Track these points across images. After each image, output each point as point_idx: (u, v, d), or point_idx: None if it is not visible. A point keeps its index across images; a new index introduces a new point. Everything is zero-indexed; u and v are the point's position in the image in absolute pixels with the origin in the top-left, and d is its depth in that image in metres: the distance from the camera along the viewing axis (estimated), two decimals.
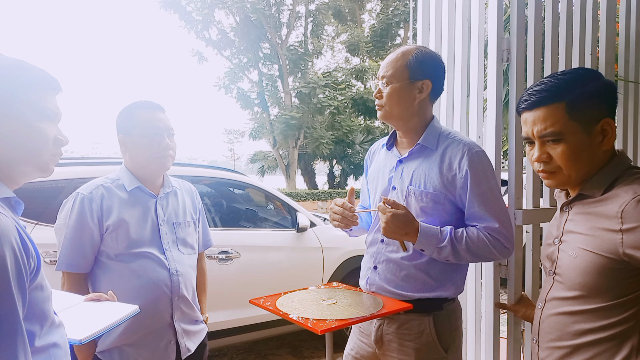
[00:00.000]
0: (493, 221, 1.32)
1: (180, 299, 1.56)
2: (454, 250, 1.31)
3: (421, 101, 1.40)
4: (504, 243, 1.32)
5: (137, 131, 1.52)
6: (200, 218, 1.77)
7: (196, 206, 1.75)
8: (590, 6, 1.89)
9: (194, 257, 1.68)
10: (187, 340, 1.58)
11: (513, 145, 1.61)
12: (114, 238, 1.48)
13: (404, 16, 20.02)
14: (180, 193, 1.69)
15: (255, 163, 23.60)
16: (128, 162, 1.58)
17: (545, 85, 1.02)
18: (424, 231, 1.30)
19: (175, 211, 1.63)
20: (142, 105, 1.57)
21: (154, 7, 26.53)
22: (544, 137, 1.03)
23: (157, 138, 1.53)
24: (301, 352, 3.65)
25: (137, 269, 1.49)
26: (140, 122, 1.53)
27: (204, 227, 1.81)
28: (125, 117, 1.56)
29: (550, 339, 1.07)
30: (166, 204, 1.61)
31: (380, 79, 1.42)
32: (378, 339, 1.43)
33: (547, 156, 1.04)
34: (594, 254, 0.97)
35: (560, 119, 1.00)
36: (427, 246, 1.31)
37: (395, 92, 1.38)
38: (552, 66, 1.77)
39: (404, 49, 1.41)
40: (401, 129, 1.46)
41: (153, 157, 1.53)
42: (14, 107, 0.84)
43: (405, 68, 1.37)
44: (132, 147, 1.54)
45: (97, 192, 1.51)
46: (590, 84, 1.01)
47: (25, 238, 0.79)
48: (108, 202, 1.50)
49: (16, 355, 0.73)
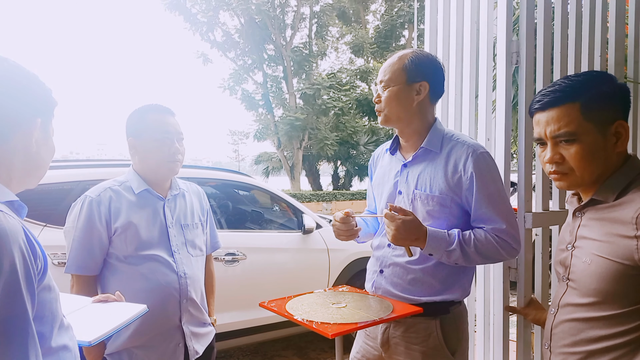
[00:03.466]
0: (500, 222, 1.32)
1: (189, 301, 1.56)
2: (463, 253, 1.30)
3: (420, 103, 1.39)
4: (512, 244, 1.33)
5: (148, 134, 1.53)
6: (207, 220, 1.77)
7: (204, 208, 1.75)
8: (600, 8, 1.87)
9: (202, 259, 1.68)
10: (195, 342, 1.58)
11: (522, 148, 1.60)
12: (122, 240, 1.49)
13: (408, 17, 20.01)
14: (188, 195, 1.69)
15: (259, 164, 23.62)
16: (137, 164, 1.59)
17: (559, 87, 1.02)
18: (432, 235, 1.29)
19: (184, 213, 1.63)
20: (154, 109, 1.57)
21: (159, 9, 26.66)
22: (558, 137, 1.02)
23: (167, 142, 1.53)
24: (307, 353, 3.64)
25: (146, 272, 1.49)
26: (151, 126, 1.53)
27: (212, 229, 1.81)
28: (136, 120, 1.56)
29: (563, 345, 1.06)
30: (174, 206, 1.61)
31: (378, 83, 1.43)
32: (384, 342, 1.43)
33: (560, 157, 1.03)
34: (608, 260, 0.96)
35: (575, 119, 0.99)
36: (435, 250, 1.31)
37: (394, 95, 1.39)
38: (562, 68, 1.76)
39: (401, 53, 1.42)
40: (403, 132, 1.46)
41: (163, 161, 1.54)
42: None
43: (402, 71, 1.38)
44: (142, 151, 1.55)
45: (105, 195, 1.51)
46: (604, 85, 1.00)
47: (32, 239, 0.80)
48: (116, 204, 1.51)
49: (27, 356, 0.73)
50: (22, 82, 0.85)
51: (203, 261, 1.69)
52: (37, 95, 0.87)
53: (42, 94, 0.89)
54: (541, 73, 1.67)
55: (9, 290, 0.71)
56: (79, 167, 2.82)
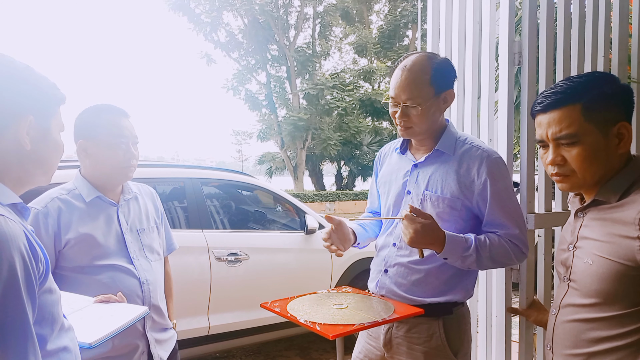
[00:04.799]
0: (513, 228, 1.33)
1: (152, 308, 1.50)
2: (478, 258, 1.30)
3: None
4: (522, 249, 1.34)
5: (102, 137, 1.44)
6: (162, 222, 1.71)
7: (158, 210, 1.69)
8: (603, 7, 1.87)
9: (161, 263, 1.63)
10: (159, 349, 1.54)
11: (525, 149, 1.60)
12: (76, 252, 1.41)
13: (411, 17, 19.97)
14: (141, 198, 1.62)
15: (263, 164, 23.66)
16: (87, 169, 1.50)
17: (560, 88, 1.01)
18: (450, 240, 1.28)
19: (139, 217, 1.57)
20: (107, 110, 1.48)
21: (162, 9, 26.75)
22: (559, 139, 1.01)
23: (122, 146, 1.46)
24: (309, 354, 3.64)
25: (107, 281, 1.42)
26: (105, 128, 1.44)
27: (167, 231, 1.76)
28: (88, 121, 1.46)
29: (565, 346, 1.05)
30: (128, 211, 1.54)
31: (402, 102, 1.34)
32: (387, 343, 1.43)
33: (562, 159, 1.02)
34: (610, 260, 0.95)
35: (576, 121, 0.99)
36: (451, 254, 1.30)
37: (426, 112, 1.34)
38: (564, 68, 1.75)
39: (418, 67, 1.33)
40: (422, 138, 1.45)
41: (117, 167, 1.47)
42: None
43: (430, 85, 1.33)
44: (95, 154, 1.45)
45: (52, 206, 1.42)
46: (607, 86, 0.99)
47: (33, 242, 0.80)
48: (66, 215, 1.42)
49: (27, 359, 0.74)
50: (6, 80, 0.83)
51: (162, 265, 1.64)
52: (25, 93, 0.85)
53: (34, 91, 0.86)
54: (544, 74, 1.67)
55: (8, 294, 0.72)
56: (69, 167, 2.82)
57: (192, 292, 2.86)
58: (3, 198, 0.82)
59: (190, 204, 3.06)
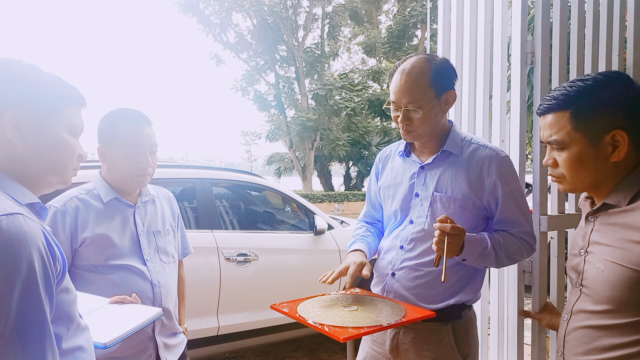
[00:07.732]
0: (525, 224, 1.36)
1: (163, 311, 1.49)
2: (496, 256, 1.31)
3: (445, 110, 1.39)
4: (532, 244, 1.37)
5: (118, 145, 1.46)
6: (178, 225, 1.73)
7: (174, 213, 1.70)
8: (618, 6, 1.84)
9: (175, 266, 1.64)
10: (167, 353, 1.53)
11: (538, 149, 1.57)
12: (91, 251, 1.43)
13: (420, 17, 19.88)
14: (158, 201, 1.64)
15: (271, 165, 23.69)
16: (105, 172, 1.53)
17: (557, 92, 1.01)
18: (469, 240, 1.28)
19: (155, 220, 1.58)
20: (128, 117, 1.49)
21: (172, 10, 27.00)
22: (550, 143, 1.03)
23: (136, 157, 1.47)
24: (318, 355, 3.64)
25: (118, 281, 1.43)
26: (122, 136, 1.46)
27: (183, 234, 1.76)
28: (107, 127, 1.48)
29: (576, 353, 1.03)
30: (144, 214, 1.56)
31: (404, 106, 1.33)
32: (393, 348, 1.41)
33: (554, 162, 1.04)
34: (622, 266, 0.93)
35: (563, 128, 0.99)
36: (470, 255, 1.29)
37: (428, 114, 1.33)
38: (578, 69, 1.73)
39: (417, 69, 1.32)
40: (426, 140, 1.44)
41: (131, 174, 1.48)
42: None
43: (430, 87, 1.32)
44: (111, 160, 1.48)
45: (70, 205, 1.44)
46: (605, 91, 0.95)
47: (51, 242, 0.81)
48: (83, 214, 1.44)
49: (45, 356, 0.75)
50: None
51: (176, 268, 1.65)
52: (6, 87, 0.83)
53: (19, 85, 0.84)
54: (557, 74, 1.64)
55: (27, 292, 0.73)
56: (93, 167, 2.85)
57: (201, 293, 2.87)
58: (22, 198, 0.83)
59: (200, 204, 3.08)
